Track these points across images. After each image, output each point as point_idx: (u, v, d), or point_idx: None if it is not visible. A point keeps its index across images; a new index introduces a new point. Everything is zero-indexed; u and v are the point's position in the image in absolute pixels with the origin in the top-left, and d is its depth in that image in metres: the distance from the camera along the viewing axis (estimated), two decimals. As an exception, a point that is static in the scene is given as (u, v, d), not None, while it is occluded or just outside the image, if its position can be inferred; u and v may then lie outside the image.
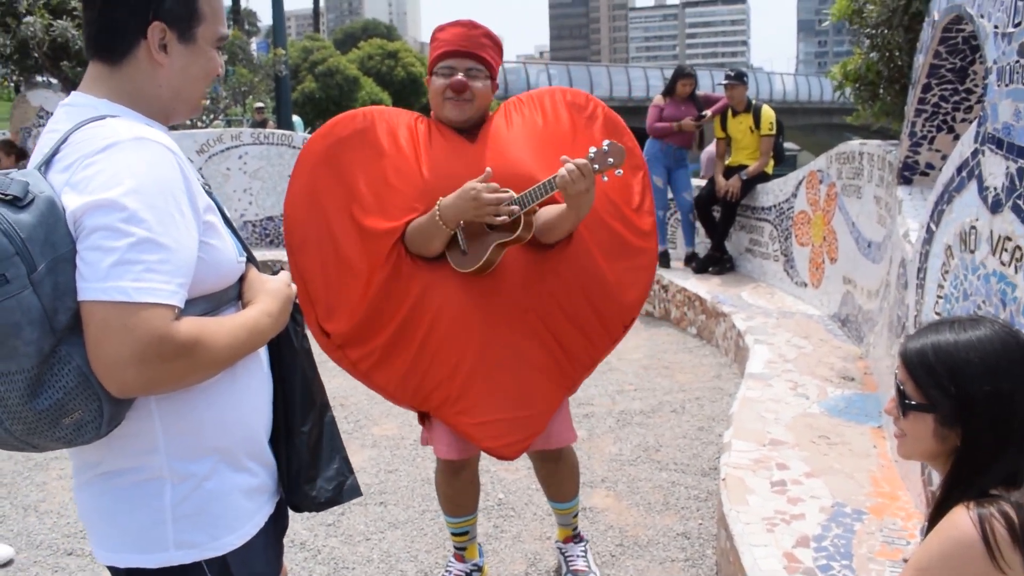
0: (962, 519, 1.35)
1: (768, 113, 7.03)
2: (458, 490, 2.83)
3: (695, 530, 3.45)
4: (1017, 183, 2.27)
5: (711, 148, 8.03)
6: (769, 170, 7.11)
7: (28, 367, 1.23)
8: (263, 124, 14.50)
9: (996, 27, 2.46)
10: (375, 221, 2.46)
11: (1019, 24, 2.30)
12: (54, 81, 9.80)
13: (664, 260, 7.42)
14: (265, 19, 17.11)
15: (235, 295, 1.51)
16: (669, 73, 7.63)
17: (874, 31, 4.43)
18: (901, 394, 1.50)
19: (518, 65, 43.22)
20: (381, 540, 3.47)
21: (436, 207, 2.37)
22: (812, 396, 4.06)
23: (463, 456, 2.69)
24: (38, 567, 3.36)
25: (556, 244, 2.52)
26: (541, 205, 2.42)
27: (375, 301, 2.45)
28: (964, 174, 2.63)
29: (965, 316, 1.53)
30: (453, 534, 2.98)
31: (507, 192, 2.33)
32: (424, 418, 2.70)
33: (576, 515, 3.07)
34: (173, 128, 11.73)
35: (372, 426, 4.72)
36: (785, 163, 8.18)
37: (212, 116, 13.22)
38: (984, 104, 2.52)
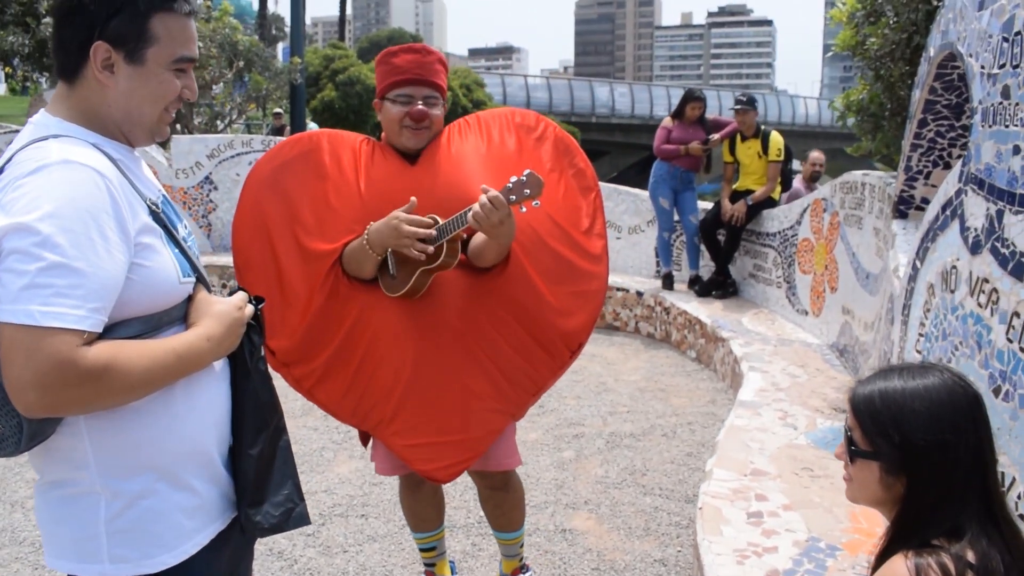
0: (900, 568, 1.35)
1: (776, 139, 7.02)
2: (420, 503, 2.85)
3: (673, 557, 3.44)
4: (996, 225, 2.26)
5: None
6: (776, 196, 7.10)
7: None
8: (281, 130, 14.62)
9: (983, 67, 2.45)
10: (315, 243, 2.47)
11: (1004, 66, 2.29)
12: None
13: (668, 282, 7.42)
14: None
15: (179, 316, 1.51)
16: None
17: (878, 64, 4.42)
18: (849, 440, 1.49)
19: (542, 81, 43.33)
20: (358, 553, 3.48)
21: (365, 232, 2.38)
22: (800, 427, 4.04)
23: (400, 473, 2.71)
24: (19, 563, 3.39)
25: (493, 268, 2.50)
26: (468, 233, 2.40)
27: (315, 321, 2.47)
28: (948, 213, 2.62)
29: (916, 363, 1.52)
30: (421, 550, 2.99)
31: (429, 222, 2.31)
32: (365, 436, 2.73)
33: (522, 545, 3.03)
34: (187, 132, 11.86)
35: (362, 437, 4.72)
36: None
37: (229, 120, 13.34)
38: (969, 144, 2.52)
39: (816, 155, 8.58)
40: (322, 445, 4.63)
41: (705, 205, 7.55)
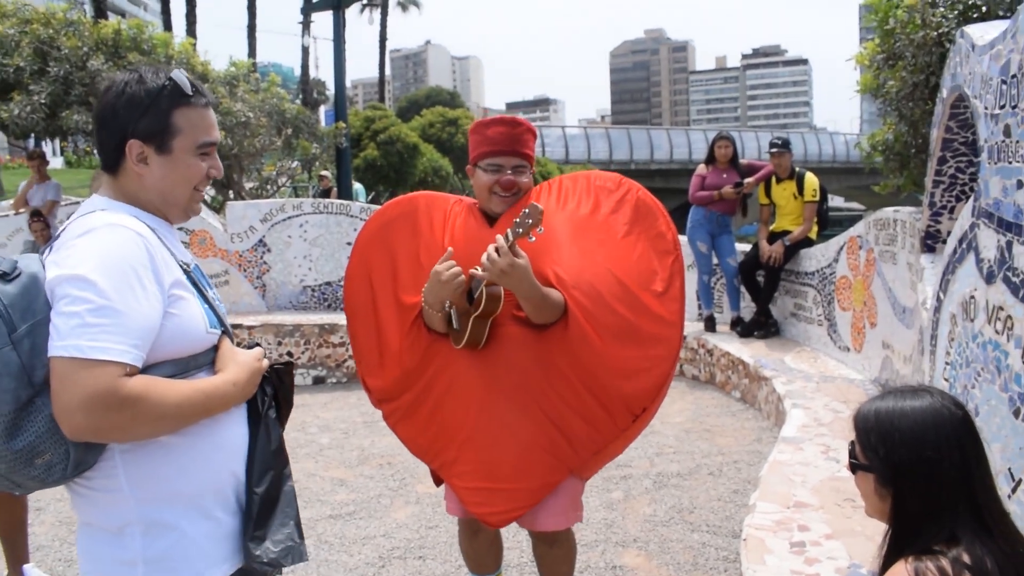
0: (901, 572, 1.47)
1: (811, 180, 7.15)
2: (476, 549, 2.98)
3: (721, 590, 3.53)
4: (1007, 255, 2.39)
5: None
6: (813, 235, 7.20)
7: (5, 412, 1.46)
8: (328, 192, 15.08)
9: (986, 108, 2.61)
10: (407, 296, 2.73)
11: (1004, 106, 2.45)
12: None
13: (710, 324, 7.53)
14: (333, 87, 18.08)
15: (206, 362, 1.69)
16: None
17: (899, 104, 4.56)
18: (851, 453, 1.64)
19: (579, 131, 43.95)
20: (417, 594, 3.63)
21: (423, 295, 2.58)
22: (843, 460, 4.11)
23: (466, 515, 2.82)
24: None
25: (551, 326, 2.55)
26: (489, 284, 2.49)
27: (405, 366, 2.72)
28: (964, 246, 2.75)
29: (913, 386, 1.65)
30: (479, 590, 3.11)
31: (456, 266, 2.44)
32: (437, 477, 2.90)
33: None
34: (240, 197, 12.37)
35: (416, 484, 4.90)
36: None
37: (278, 185, 13.88)
38: (979, 180, 2.66)
39: None
40: (379, 492, 4.81)
41: (745, 247, 7.67)
